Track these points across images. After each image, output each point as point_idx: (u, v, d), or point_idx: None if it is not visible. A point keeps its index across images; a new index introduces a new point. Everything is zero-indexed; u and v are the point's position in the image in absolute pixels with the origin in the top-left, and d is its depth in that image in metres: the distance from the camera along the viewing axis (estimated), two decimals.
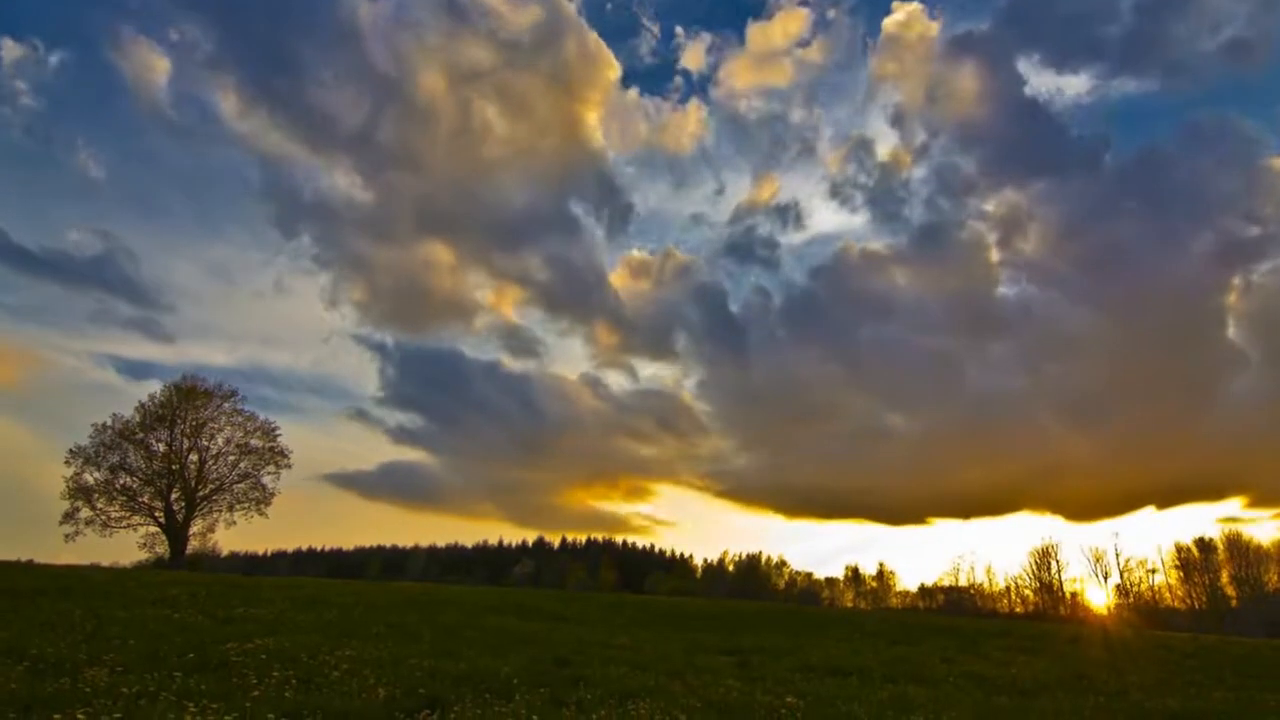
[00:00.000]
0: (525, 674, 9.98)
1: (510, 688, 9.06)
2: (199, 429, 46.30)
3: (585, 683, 9.92)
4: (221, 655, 9.35)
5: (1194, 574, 70.29)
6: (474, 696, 8.38)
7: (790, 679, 12.29)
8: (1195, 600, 69.03)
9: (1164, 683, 15.38)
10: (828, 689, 11.37)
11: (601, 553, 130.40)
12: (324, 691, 7.93)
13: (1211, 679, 16.53)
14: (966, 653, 18.85)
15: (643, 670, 11.59)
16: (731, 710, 8.94)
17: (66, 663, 8.09)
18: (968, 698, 11.64)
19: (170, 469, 45.18)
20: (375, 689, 8.20)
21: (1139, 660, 19.53)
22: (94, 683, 7.23)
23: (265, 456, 47.83)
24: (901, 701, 10.64)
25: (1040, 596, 76.59)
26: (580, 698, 8.90)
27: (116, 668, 8.14)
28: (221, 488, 46.71)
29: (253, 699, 7.21)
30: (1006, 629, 28.02)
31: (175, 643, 9.96)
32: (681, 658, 13.91)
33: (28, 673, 7.49)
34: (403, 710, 7.52)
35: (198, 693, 7.29)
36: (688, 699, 9.34)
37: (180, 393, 46.15)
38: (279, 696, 7.45)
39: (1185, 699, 13.07)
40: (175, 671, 8.19)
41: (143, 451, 44.82)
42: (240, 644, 10.23)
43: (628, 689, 9.71)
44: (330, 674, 8.81)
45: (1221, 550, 69.89)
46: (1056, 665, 16.98)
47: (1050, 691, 13.12)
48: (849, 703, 10.08)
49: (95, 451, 43.78)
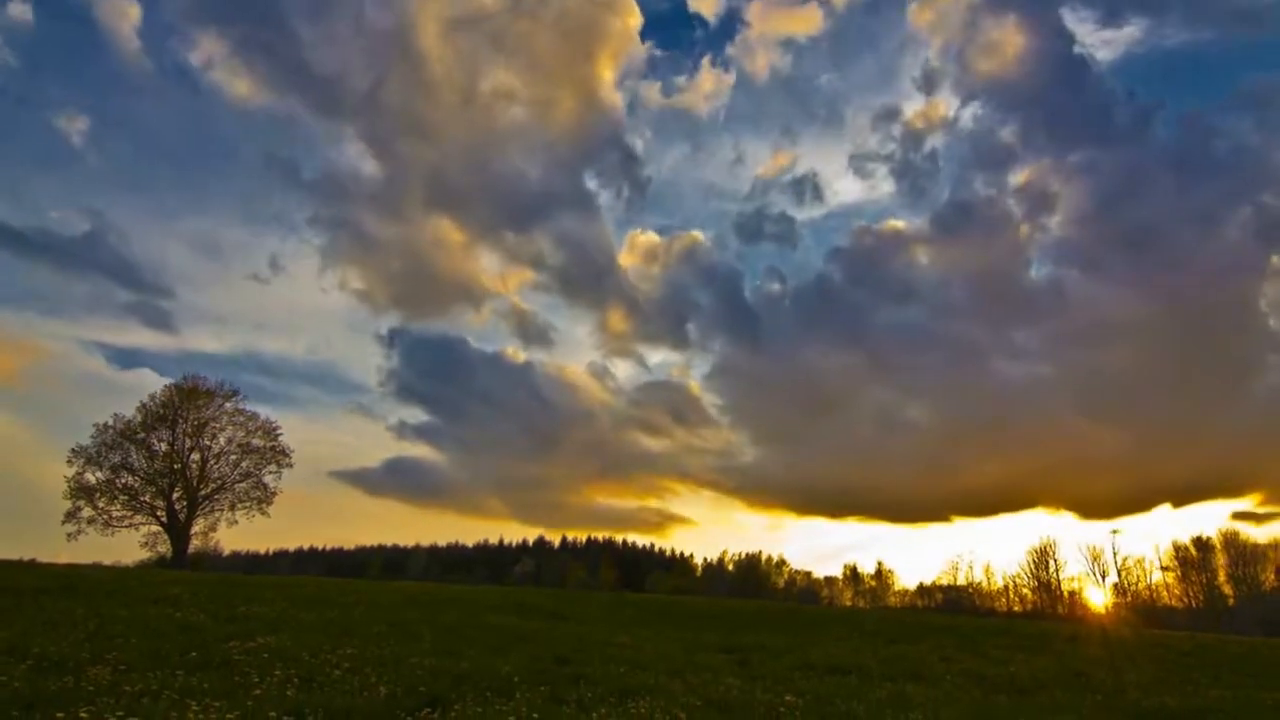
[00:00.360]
0: (526, 672, 9.97)
1: (511, 686, 9.05)
2: (201, 428, 46.30)
3: (585, 681, 9.91)
4: (224, 654, 9.34)
5: (1191, 573, 70.30)
6: (475, 695, 8.36)
7: (790, 677, 12.28)
8: (1193, 599, 69.04)
9: (1162, 681, 15.37)
10: (827, 687, 11.35)
11: (602, 552, 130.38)
12: (326, 690, 7.91)
13: (1209, 677, 16.53)
14: (965, 651, 18.84)
15: (643, 668, 11.57)
16: (731, 708, 8.93)
17: (69, 661, 8.08)
18: (966, 696, 11.64)
19: (172, 468, 45.17)
20: (377, 687, 8.19)
21: (1137, 659, 19.51)
22: (97, 681, 7.22)
23: (267, 456, 47.89)
24: (900, 699, 10.63)
25: (1039, 595, 76.59)
26: (580, 696, 8.89)
27: (119, 666, 8.13)
28: (223, 487, 46.73)
29: (255, 697, 7.19)
30: (1005, 628, 28.02)
31: (177, 641, 9.96)
32: (681, 656, 13.89)
33: (31, 671, 7.48)
34: (404, 708, 7.51)
35: (200, 691, 7.28)
36: (688, 697, 9.33)
37: (182, 392, 46.14)
38: (281, 695, 7.44)
39: (1183, 697, 13.06)
40: (178, 670, 8.19)
41: (144, 451, 44.83)
42: (242, 643, 10.22)
43: (628, 687, 9.70)
44: (332, 672, 8.79)
45: (1219, 549, 69.92)
46: (1055, 664, 16.97)
47: (1048, 690, 13.12)
48: (848, 701, 10.07)
49: (97, 451, 43.78)
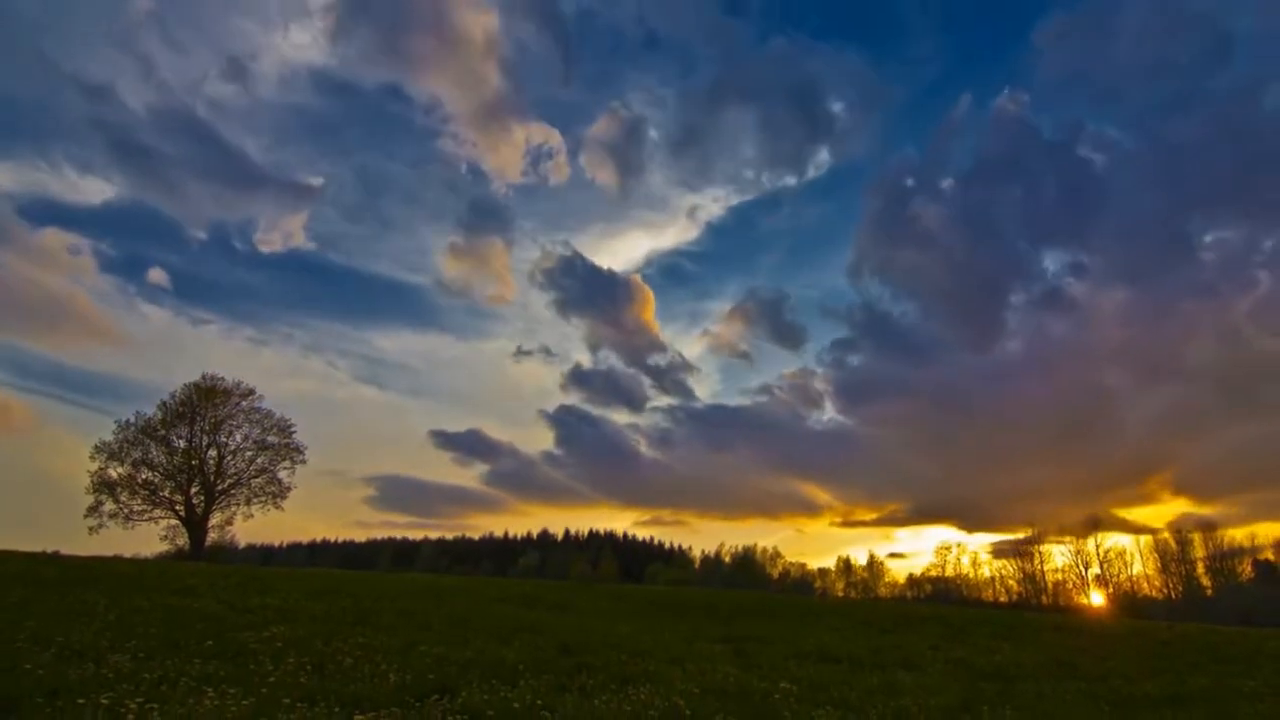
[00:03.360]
0: (530, 661, 9.97)
1: (516, 674, 9.05)
2: (218, 426, 46.34)
3: (588, 669, 9.90)
4: (239, 642, 9.35)
5: (1171, 564, 70.30)
6: (481, 682, 8.36)
7: (784, 665, 12.27)
8: (1172, 590, 69.00)
9: (1143, 669, 15.36)
10: (820, 675, 11.35)
11: (603, 545, 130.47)
12: (337, 677, 7.91)
13: (1188, 665, 16.51)
14: (953, 640, 18.83)
15: (643, 657, 11.56)
16: (728, 695, 8.92)
17: (91, 649, 8.09)
18: (954, 683, 11.63)
19: (190, 464, 45.20)
20: (386, 675, 8.19)
21: (1119, 647, 19.50)
22: (118, 668, 7.22)
23: (281, 452, 47.84)
24: (891, 687, 10.63)
25: (1024, 586, 76.58)
26: (583, 683, 8.89)
27: (139, 654, 8.14)
28: (239, 482, 46.73)
29: (269, 684, 7.19)
30: (992, 618, 28.00)
31: (195, 630, 9.96)
32: (680, 645, 13.89)
33: (55, 659, 7.48)
34: (413, 695, 7.50)
35: (216, 678, 7.28)
36: (686, 684, 9.32)
37: (200, 391, 46.25)
38: (294, 682, 7.44)
39: (1163, 684, 13.05)
40: (195, 658, 8.19)
41: (164, 447, 44.87)
42: (257, 632, 10.23)
43: (629, 675, 9.70)
44: (343, 660, 8.80)
45: (1197, 543, 69.94)
46: (1040, 652, 16.96)
47: (1034, 677, 13.11)
48: (840, 688, 10.07)
49: (119, 447, 43.88)
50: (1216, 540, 69.20)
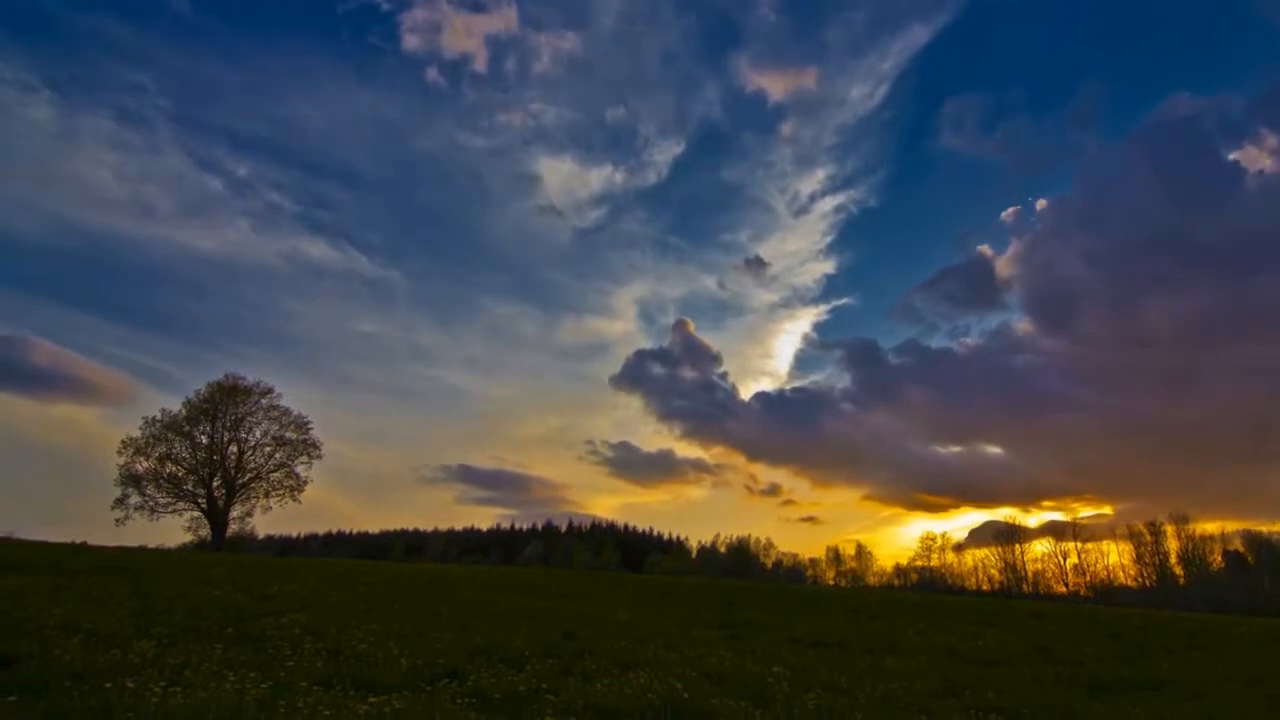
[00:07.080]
0: (535, 646, 9.97)
1: (521, 659, 9.05)
2: (239, 423, 46.46)
3: (590, 654, 9.89)
4: (259, 629, 9.35)
5: (1145, 554, 70.29)
6: (489, 666, 8.36)
7: (777, 650, 12.26)
8: (1146, 579, 69.00)
9: (1118, 654, 15.35)
10: (811, 659, 11.35)
11: (605, 535, 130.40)
12: (352, 662, 7.91)
13: (1162, 650, 16.51)
14: (938, 627, 18.81)
15: (642, 643, 11.55)
16: (723, 679, 8.92)
17: (117, 636, 8.07)
18: (939, 667, 11.61)
19: (212, 459, 45.30)
20: (399, 659, 8.18)
21: (1096, 634, 19.49)
22: (142, 654, 7.22)
23: (298, 448, 47.97)
24: (878, 671, 10.62)
25: (1005, 575, 76.58)
26: (585, 667, 8.88)
27: (163, 640, 8.13)
28: (259, 476, 46.85)
29: (287, 669, 7.19)
30: (975, 605, 27.98)
31: (216, 617, 9.96)
32: (678, 631, 13.88)
33: (82, 645, 7.48)
34: (424, 679, 7.50)
35: (237, 663, 7.28)
36: (684, 668, 9.32)
37: (222, 390, 46.39)
38: (311, 666, 7.44)
39: (1138, 669, 13.05)
40: (217, 643, 8.18)
41: (188, 443, 44.99)
42: (276, 619, 10.22)
43: (629, 659, 9.69)
44: (357, 646, 8.79)
45: (1170, 534, 69.94)
46: (1021, 638, 16.94)
47: (1015, 662, 13.10)
48: (830, 672, 10.06)
49: (145, 443, 44.02)
50: (1188, 531, 69.24)
